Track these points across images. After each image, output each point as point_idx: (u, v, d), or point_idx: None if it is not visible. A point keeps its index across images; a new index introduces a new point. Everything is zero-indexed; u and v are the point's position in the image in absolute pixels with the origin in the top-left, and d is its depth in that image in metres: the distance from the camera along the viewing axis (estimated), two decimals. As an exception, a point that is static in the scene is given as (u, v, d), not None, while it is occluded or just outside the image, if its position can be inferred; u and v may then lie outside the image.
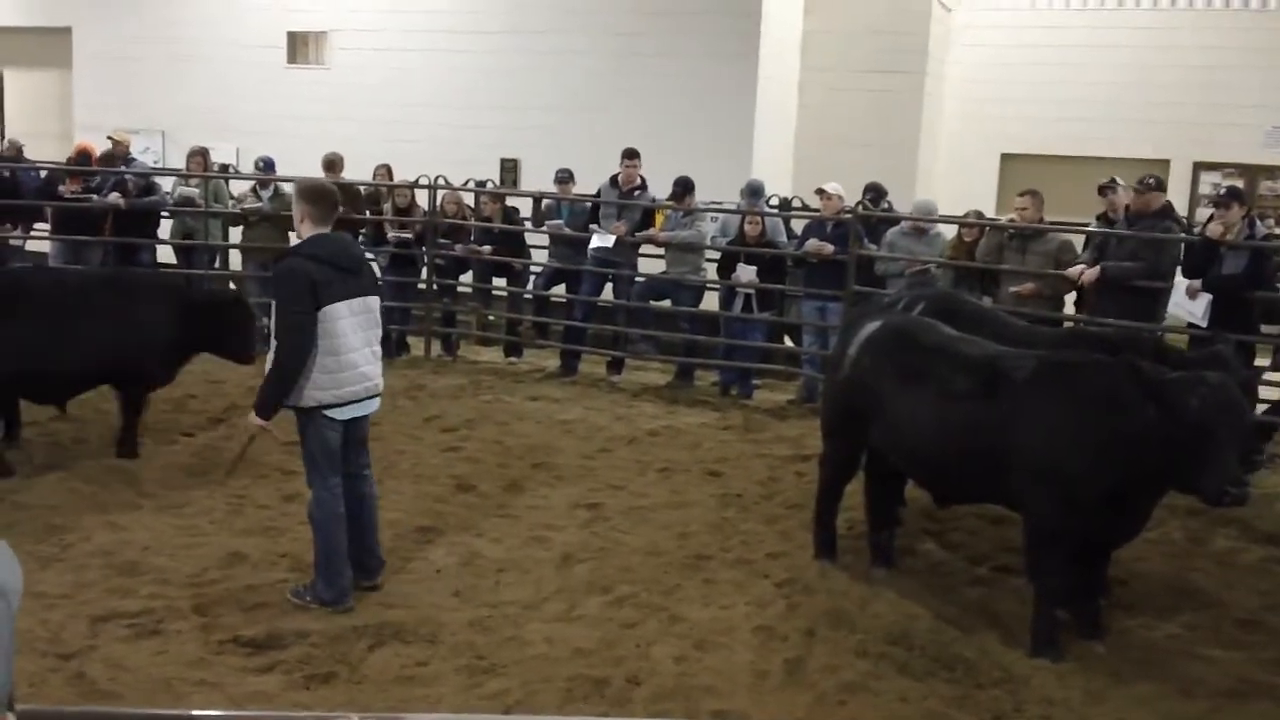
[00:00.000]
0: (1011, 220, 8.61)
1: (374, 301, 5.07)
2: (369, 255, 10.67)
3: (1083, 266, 7.74)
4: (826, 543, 5.78)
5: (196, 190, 10.74)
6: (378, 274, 8.70)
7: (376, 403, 5.18)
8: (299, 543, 5.71)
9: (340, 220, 10.52)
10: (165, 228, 11.08)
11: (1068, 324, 8.07)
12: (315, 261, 4.85)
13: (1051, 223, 8.63)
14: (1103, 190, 8.65)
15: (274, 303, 4.95)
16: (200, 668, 4.42)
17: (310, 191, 5.15)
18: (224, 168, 12.04)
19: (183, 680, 4.31)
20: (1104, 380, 4.61)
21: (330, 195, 5.21)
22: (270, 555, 5.58)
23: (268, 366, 4.94)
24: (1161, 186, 7.87)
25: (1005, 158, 13.37)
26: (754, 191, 9.73)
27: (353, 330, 4.90)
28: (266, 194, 10.59)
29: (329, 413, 4.93)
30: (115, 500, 6.30)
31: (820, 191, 9.47)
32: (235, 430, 7.13)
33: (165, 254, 11.11)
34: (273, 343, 4.91)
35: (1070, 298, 8.45)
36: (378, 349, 5.10)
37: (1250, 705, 4.42)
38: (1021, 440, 4.71)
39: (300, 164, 10.99)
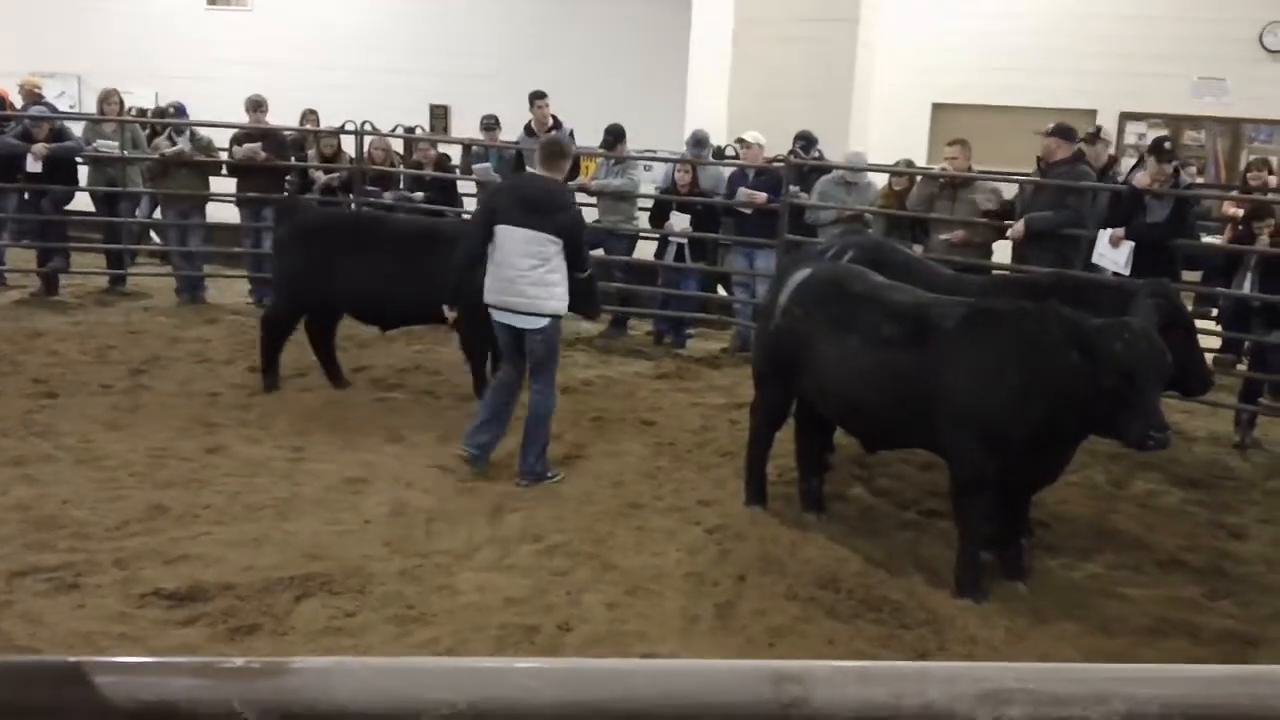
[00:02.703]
0: (943, 169, 8.65)
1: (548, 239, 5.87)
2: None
3: (1020, 224, 7.79)
4: (757, 489, 5.82)
5: (115, 143, 10.36)
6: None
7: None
8: (222, 495, 5.62)
9: (264, 167, 10.30)
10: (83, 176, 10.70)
11: (996, 271, 8.16)
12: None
13: (982, 171, 8.70)
14: (1088, 139, 8.70)
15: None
16: (121, 621, 4.33)
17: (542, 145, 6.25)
18: (142, 112, 11.67)
19: (103, 634, 4.22)
20: (1028, 327, 4.67)
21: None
22: (193, 508, 5.46)
23: None
24: (1065, 134, 7.90)
25: (937, 107, 13.43)
26: (698, 142, 9.67)
27: (517, 252, 5.84)
28: (182, 139, 10.26)
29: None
30: (32, 453, 6.12)
31: (740, 140, 9.45)
32: None
33: (83, 202, 10.74)
34: None
35: (1004, 245, 8.54)
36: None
37: (1168, 642, 4.55)
38: (947, 386, 4.76)
39: (223, 108, 10.68)
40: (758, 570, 5.02)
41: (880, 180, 9.12)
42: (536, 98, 10.00)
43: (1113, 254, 7.50)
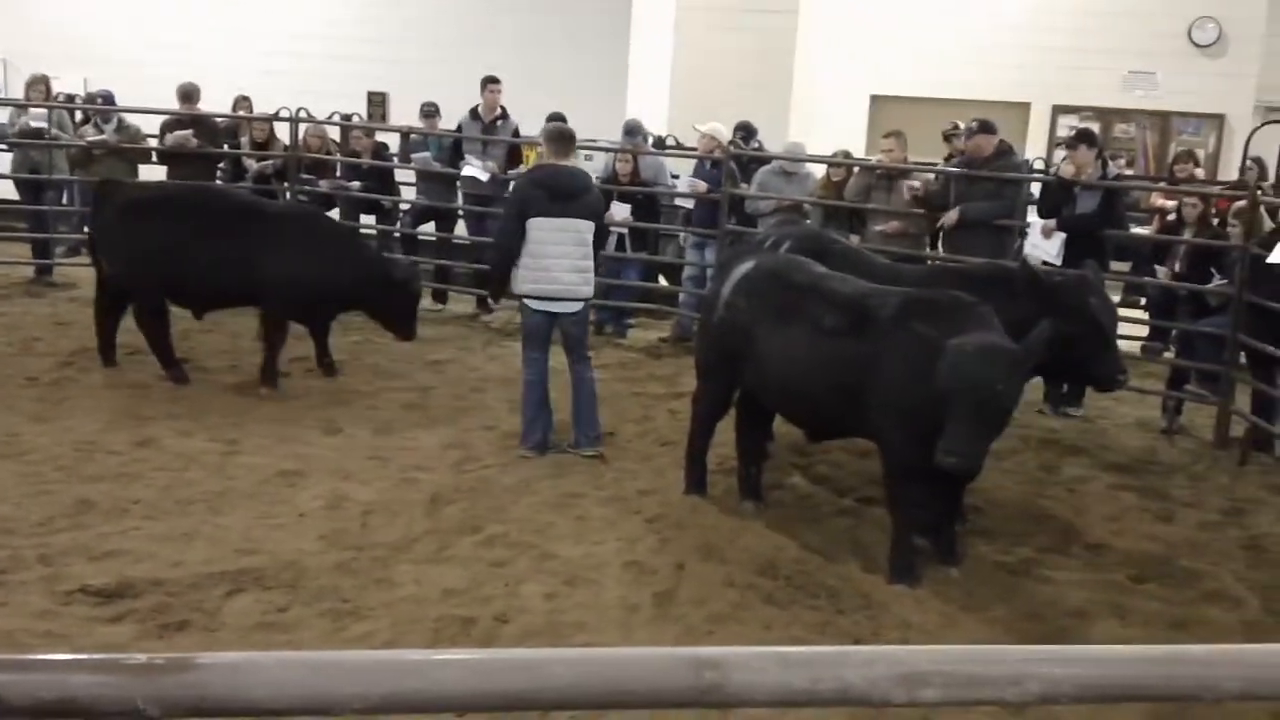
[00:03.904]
0: (879, 161, 8.73)
1: (582, 224, 6.19)
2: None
3: (955, 213, 7.88)
4: (697, 478, 5.84)
5: (45, 125, 10.09)
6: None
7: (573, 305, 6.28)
8: (151, 489, 5.52)
9: (195, 155, 10.13)
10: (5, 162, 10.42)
11: (933, 261, 8.26)
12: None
13: (917, 163, 8.79)
14: (949, 137, 8.85)
15: None
16: (46, 619, 4.23)
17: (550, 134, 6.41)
18: (70, 98, 11.38)
19: (27, 632, 4.12)
20: (961, 317, 4.72)
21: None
22: (121, 502, 5.35)
23: None
24: (989, 129, 8.01)
25: (875, 99, 13.55)
26: (631, 130, 9.65)
27: (552, 241, 6.08)
28: (110, 127, 10.03)
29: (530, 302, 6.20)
30: (-46, 448, 5.97)
31: (697, 129, 9.47)
32: None
33: (6, 190, 10.45)
34: None
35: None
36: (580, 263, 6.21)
37: (1097, 624, 4.64)
38: (881, 375, 4.81)
39: (155, 95, 10.46)
40: (697, 558, 5.04)
41: (819, 171, 9.18)
42: (490, 82, 9.90)
43: (1045, 244, 7.63)
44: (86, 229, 8.31)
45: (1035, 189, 8.06)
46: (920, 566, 4.96)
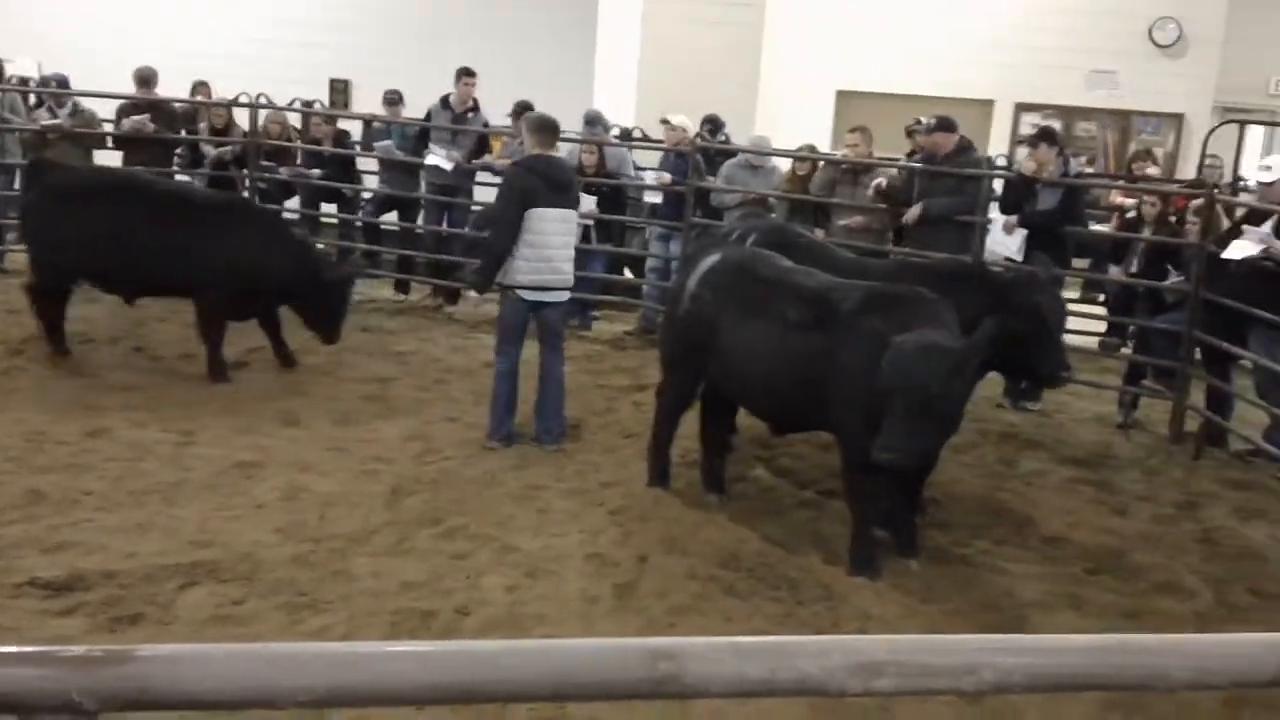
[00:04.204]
0: (844, 156, 8.75)
1: (573, 214, 6.29)
2: (184, 177, 10.20)
3: (917, 208, 7.91)
4: (661, 471, 5.83)
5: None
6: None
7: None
8: (104, 480, 5.43)
9: (152, 140, 9.97)
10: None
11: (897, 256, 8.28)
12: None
13: (881, 159, 8.82)
14: (911, 132, 8.88)
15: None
16: (-4, 612, 4.15)
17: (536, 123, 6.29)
18: (24, 81, 11.16)
19: (-25, 626, 4.04)
20: (915, 313, 4.74)
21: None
22: (73, 494, 5.25)
23: None
24: (948, 126, 8.06)
25: (840, 94, 13.59)
26: (591, 121, 9.61)
27: (554, 232, 6.08)
28: (64, 111, 9.86)
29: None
30: (-99, 439, 5.84)
31: (665, 122, 9.44)
32: None
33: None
34: None
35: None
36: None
37: (1054, 616, 4.68)
38: (838, 370, 4.82)
39: (111, 79, 10.29)
40: (659, 551, 5.03)
41: (784, 165, 9.19)
42: (465, 74, 9.79)
43: (1006, 240, 7.68)
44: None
45: (997, 185, 8.10)
46: (880, 559, 4.98)
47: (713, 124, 10.17)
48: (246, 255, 7.10)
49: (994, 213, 7.92)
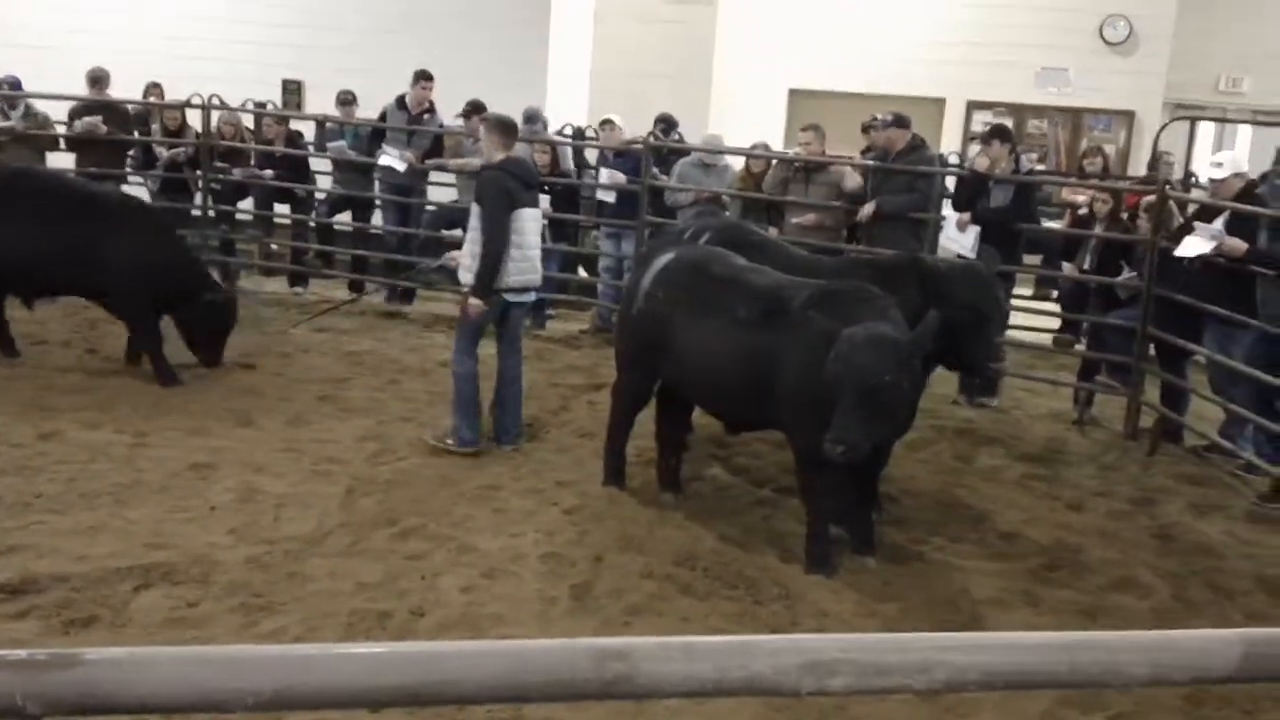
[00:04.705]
0: (797, 154, 8.80)
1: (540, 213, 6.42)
2: (136, 179, 10.06)
3: (871, 206, 7.98)
4: (616, 470, 5.83)
5: None
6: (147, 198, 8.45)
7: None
8: (55, 482, 5.35)
9: (105, 141, 9.83)
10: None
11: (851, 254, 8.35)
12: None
13: (833, 156, 8.88)
14: (867, 128, 8.97)
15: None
16: (-55, 617, 4.08)
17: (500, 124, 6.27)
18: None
19: (-76, 631, 3.97)
20: (861, 308, 4.77)
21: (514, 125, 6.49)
22: (24, 496, 5.18)
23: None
24: (902, 123, 8.15)
25: (793, 93, 13.65)
26: (530, 118, 9.60)
27: (531, 231, 6.16)
28: (16, 113, 9.69)
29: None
30: None
31: (605, 122, 9.46)
32: None
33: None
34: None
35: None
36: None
37: (1011, 613, 4.72)
38: (786, 366, 4.85)
39: (64, 80, 10.12)
40: (615, 550, 5.03)
41: (738, 163, 9.23)
42: (422, 77, 9.75)
43: (959, 237, 7.76)
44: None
45: (950, 183, 8.19)
46: (836, 556, 5.01)
47: (666, 123, 10.20)
48: (144, 259, 6.98)
49: (947, 210, 8.00)
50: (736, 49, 13.26)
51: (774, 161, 8.96)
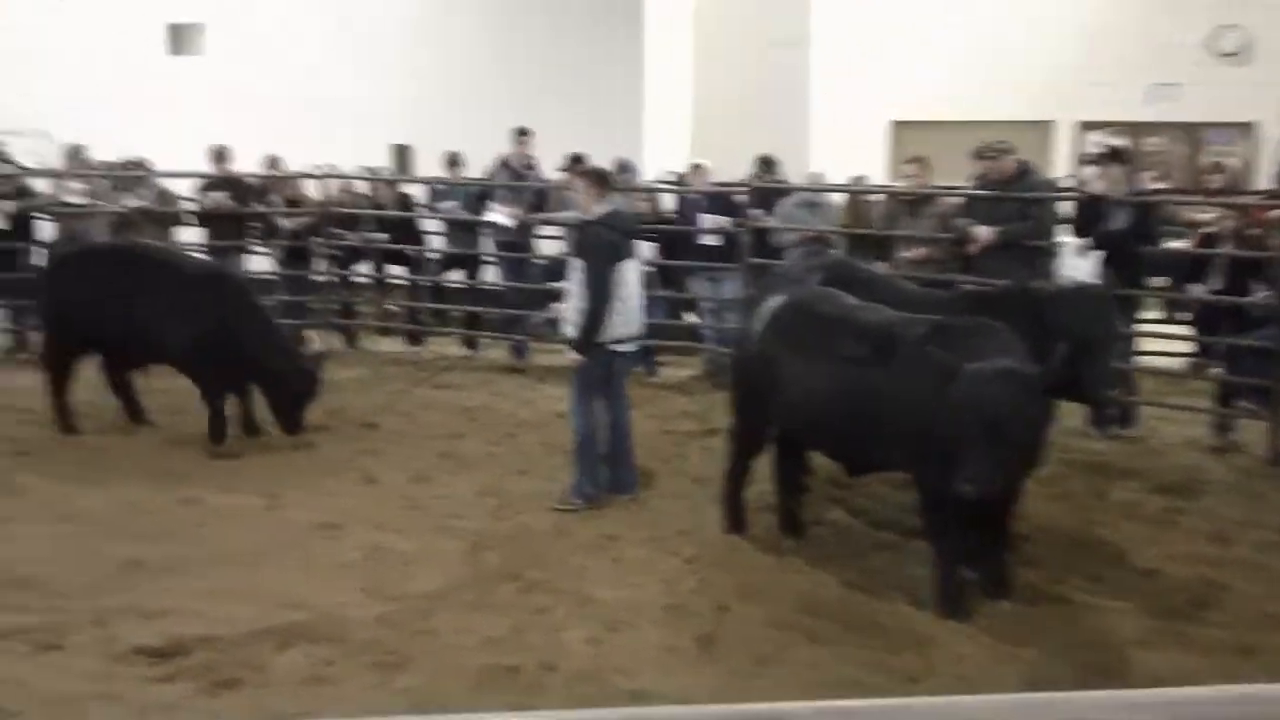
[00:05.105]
0: (903, 187, 8.70)
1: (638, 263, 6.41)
2: (260, 249, 10.50)
3: (986, 230, 7.81)
4: (735, 516, 5.80)
5: (82, 198, 10.25)
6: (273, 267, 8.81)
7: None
8: (196, 546, 5.56)
9: (230, 215, 10.26)
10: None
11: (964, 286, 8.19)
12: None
13: (941, 187, 8.75)
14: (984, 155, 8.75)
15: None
16: (103, 681, 4.25)
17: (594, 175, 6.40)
18: (107, 165, 11.55)
19: (85, 695, 4.14)
20: (982, 342, 4.68)
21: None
22: (168, 560, 5.38)
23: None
24: (1007, 150, 7.99)
25: (896, 125, 13.54)
26: (622, 168, 9.73)
27: (633, 282, 6.20)
28: (146, 192, 10.23)
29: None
30: (5, 512, 6.03)
31: (696, 167, 9.53)
32: None
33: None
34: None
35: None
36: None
37: (1160, 653, 4.51)
38: (907, 405, 4.76)
39: (186, 157, 10.64)
40: (739, 599, 4.98)
41: (841, 200, 9.17)
42: (520, 133, 10.02)
43: (1079, 263, 7.56)
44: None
45: (1066, 208, 7.98)
46: (968, 600, 4.87)
47: (766, 163, 10.20)
48: (218, 330, 7.15)
49: (1065, 236, 7.80)
50: (834, 85, 13.23)
51: (879, 196, 8.88)
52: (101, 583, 5.12)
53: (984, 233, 7.76)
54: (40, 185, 10.53)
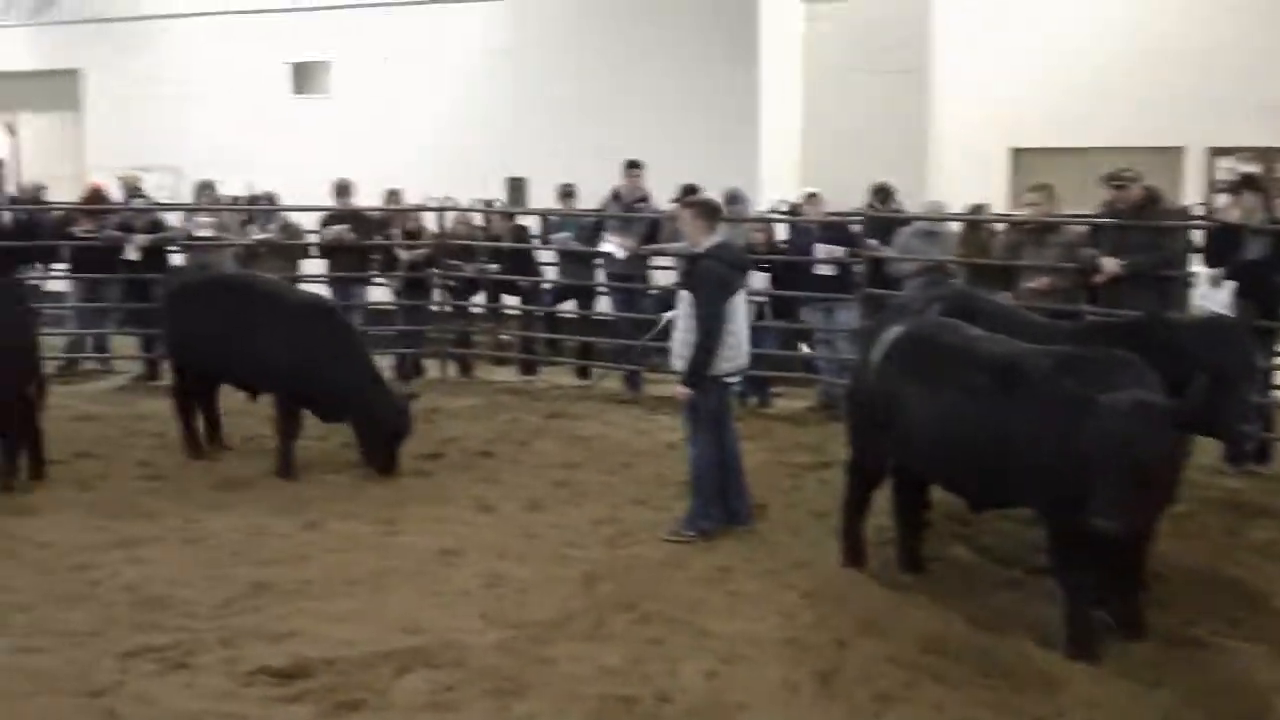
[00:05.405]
0: (1026, 215, 8.50)
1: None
2: (380, 280, 10.78)
3: (1114, 261, 7.57)
4: (854, 550, 5.71)
5: (211, 231, 10.70)
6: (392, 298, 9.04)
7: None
8: (320, 570, 5.70)
9: (352, 247, 10.55)
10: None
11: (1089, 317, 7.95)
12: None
13: (1065, 216, 8.53)
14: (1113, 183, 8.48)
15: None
16: (229, 700, 4.38)
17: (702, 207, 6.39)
18: (235, 200, 12.04)
19: (211, 713, 4.27)
20: (1115, 374, 4.53)
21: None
22: (294, 583, 5.54)
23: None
24: (1135, 178, 7.74)
25: (1016, 152, 13.27)
26: (733, 199, 9.71)
27: (742, 315, 6.22)
28: (273, 225, 10.64)
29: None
30: (140, 534, 6.27)
31: (812, 196, 9.47)
32: None
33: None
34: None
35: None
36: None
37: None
38: (1037, 438, 4.63)
39: (309, 192, 11.01)
40: (859, 634, 4.90)
41: (958, 229, 9.00)
42: (631, 166, 10.13)
43: (1214, 294, 7.29)
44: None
45: (1198, 237, 7.69)
46: (1099, 641, 4.69)
47: (883, 192, 10.10)
48: (311, 360, 7.27)
49: (1197, 266, 7.52)
50: (952, 112, 13.05)
51: (999, 225, 8.69)
52: (229, 604, 5.29)
53: (1111, 263, 7.52)
54: (172, 219, 11.01)
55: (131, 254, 10.24)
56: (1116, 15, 13.09)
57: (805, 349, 10.23)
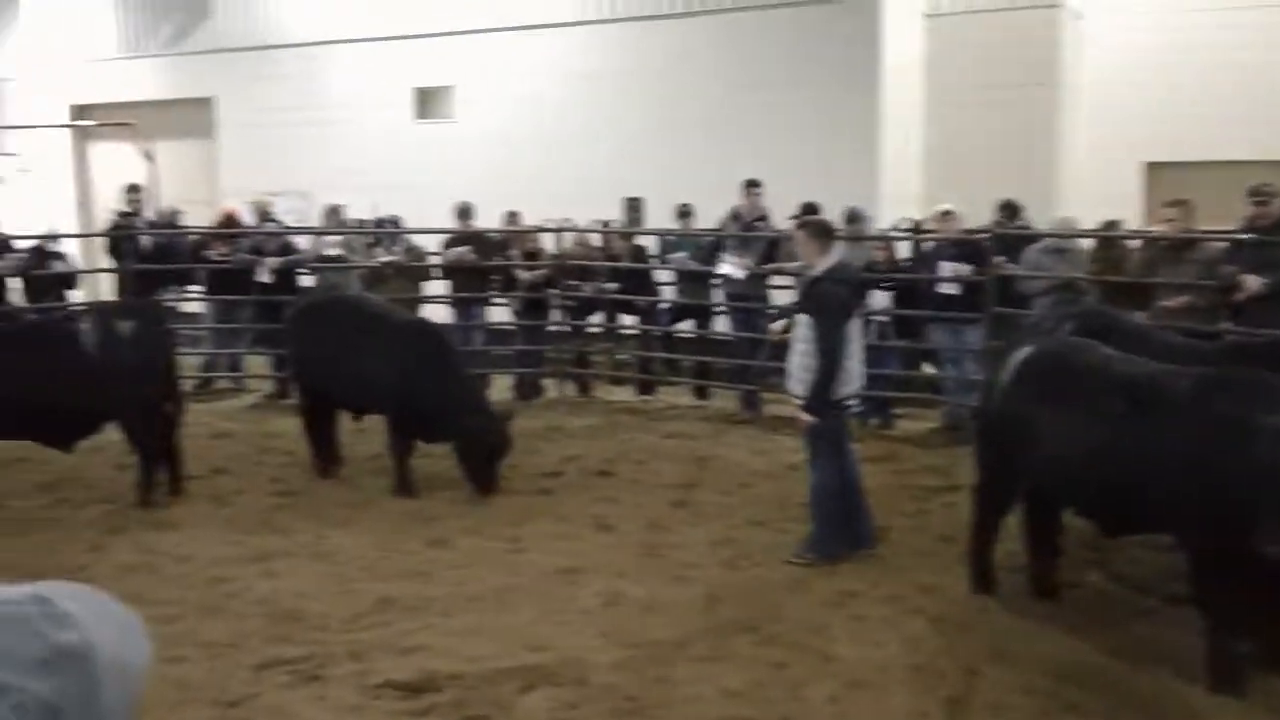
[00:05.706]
0: (1161, 232, 8.19)
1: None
2: (501, 300, 10.97)
3: (1256, 279, 7.24)
4: (984, 576, 5.56)
5: (339, 252, 11.05)
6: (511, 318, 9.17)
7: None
8: (445, 586, 5.79)
9: (473, 268, 10.74)
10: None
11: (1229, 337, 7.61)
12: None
13: (1204, 232, 8.19)
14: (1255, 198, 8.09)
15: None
16: (359, 713, 4.48)
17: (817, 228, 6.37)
18: (361, 223, 12.40)
19: (342, 726, 4.38)
20: (1268, 395, 4.32)
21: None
22: (421, 599, 5.64)
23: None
24: (1278, 193, 7.38)
25: (1151, 166, 12.81)
26: (853, 218, 9.57)
27: (858, 337, 6.17)
28: (397, 248, 10.93)
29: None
30: (272, 549, 6.48)
31: (947, 213, 9.27)
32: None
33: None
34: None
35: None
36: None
37: None
38: (1183, 462, 4.44)
39: (432, 215, 11.28)
40: (989, 662, 4.76)
41: (1089, 246, 8.72)
42: (750, 185, 10.14)
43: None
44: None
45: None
46: (1246, 674, 4.47)
47: (1010, 209, 9.86)
48: (412, 383, 7.39)
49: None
50: (1082, 126, 12.68)
51: (1139, 241, 8.38)
52: (357, 618, 5.41)
53: (1253, 281, 7.20)
54: (301, 242, 11.39)
55: (263, 276, 10.64)
56: (1250, 22, 12.54)
57: (928, 369, 10.04)
